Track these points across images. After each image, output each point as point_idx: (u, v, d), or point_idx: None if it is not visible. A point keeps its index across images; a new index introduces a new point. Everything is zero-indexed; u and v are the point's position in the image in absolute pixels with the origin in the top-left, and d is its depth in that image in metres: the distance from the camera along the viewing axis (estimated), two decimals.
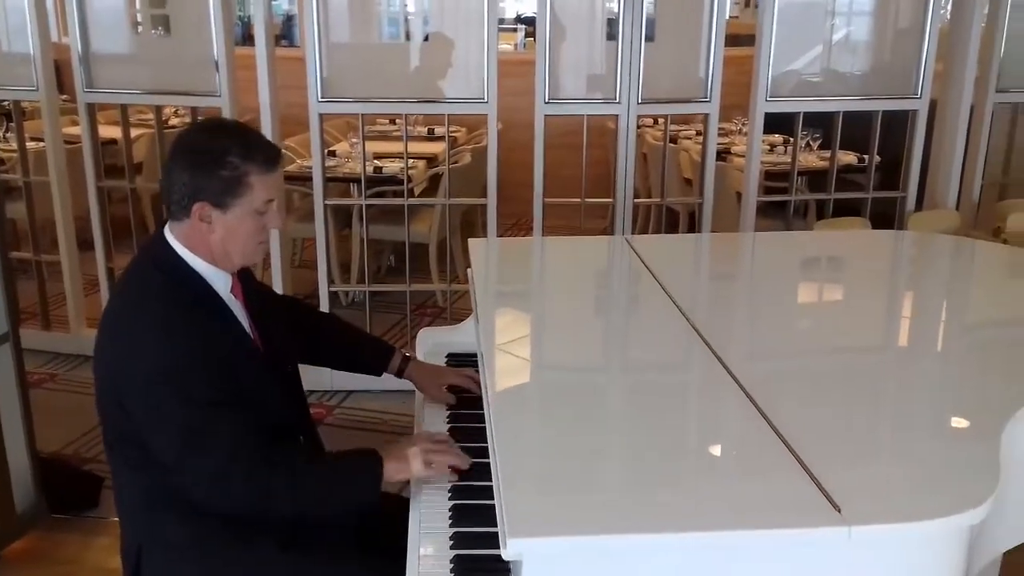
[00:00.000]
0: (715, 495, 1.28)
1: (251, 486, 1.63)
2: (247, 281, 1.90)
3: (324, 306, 3.90)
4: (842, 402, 1.66)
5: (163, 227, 1.76)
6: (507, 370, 1.81)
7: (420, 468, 1.71)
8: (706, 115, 3.75)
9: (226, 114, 3.77)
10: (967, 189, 4.06)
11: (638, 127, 3.88)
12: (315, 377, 3.17)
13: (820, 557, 1.20)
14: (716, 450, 1.45)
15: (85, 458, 3.35)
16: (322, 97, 3.67)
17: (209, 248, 1.72)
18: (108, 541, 2.87)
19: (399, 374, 2.15)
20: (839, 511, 1.19)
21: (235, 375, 1.70)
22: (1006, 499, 1.33)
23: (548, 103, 3.66)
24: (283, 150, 1.80)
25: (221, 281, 1.76)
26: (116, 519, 2.79)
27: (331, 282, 3.94)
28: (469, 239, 2.54)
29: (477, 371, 2.22)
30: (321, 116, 3.72)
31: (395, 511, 1.89)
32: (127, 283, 1.78)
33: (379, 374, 2.16)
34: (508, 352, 1.95)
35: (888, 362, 1.91)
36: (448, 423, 2.03)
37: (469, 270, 2.41)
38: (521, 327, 2.15)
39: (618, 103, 3.66)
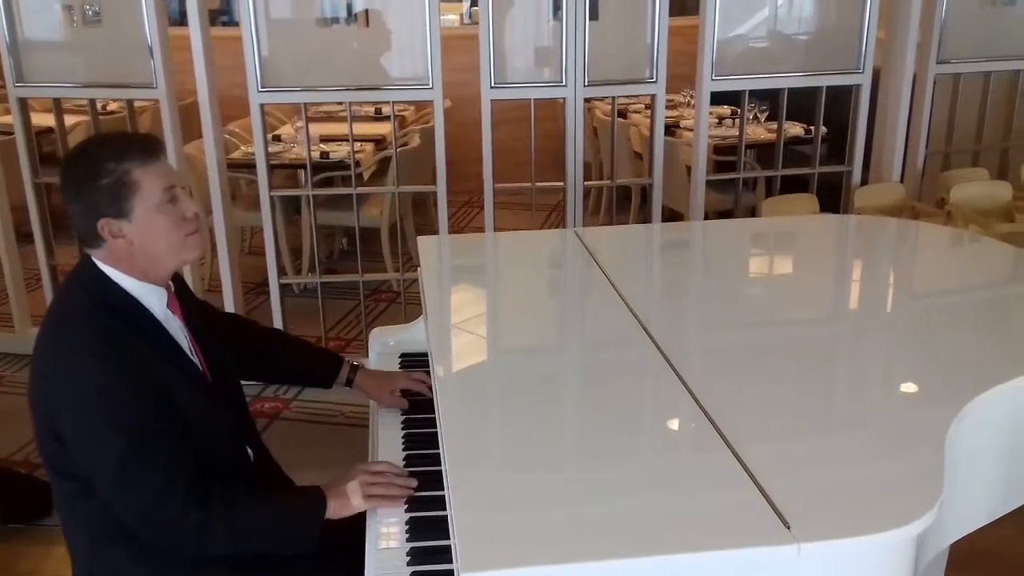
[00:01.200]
0: (666, 512, 1.29)
1: (184, 521, 1.59)
2: (185, 297, 1.86)
3: (275, 297, 3.86)
4: (786, 401, 1.68)
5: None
6: (456, 380, 1.79)
7: (361, 503, 1.69)
8: (653, 95, 3.74)
9: (164, 106, 3.68)
10: (911, 161, 4.11)
11: (586, 102, 3.85)
12: None
13: (766, 573, 1.21)
14: (666, 460, 1.46)
15: (36, 463, 3.28)
16: (262, 87, 3.59)
17: (135, 262, 1.67)
18: (65, 550, 2.82)
19: (349, 384, 2.13)
20: (788, 528, 1.21)
21: (174, 399, 1.66)
22: (951, 497, 1.36)
23: (494, 88, 3.62)
24: (161, 140, 1.76)
25: (155, 297, 1.71)
26: None
27: (283, 272, 3.88)
28: (419, 237, 2.52)
29: (428, 373, 2.21)
30: (262, 106, 3.64)
31: (353, 518, 1.89)
32: (56, 311, 1.73)
33: (329, 386, 2.14)
34: (457, 356, 1.94)
35: (833, 359, 1.93)
36: (403, 428, 2.02)
37: (420, 269, 2.39)
38: (470, 326, 2.13)
39: (564, 86, 3.63)
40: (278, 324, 3.88)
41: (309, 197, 4.04)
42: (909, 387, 1.71)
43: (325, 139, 4.92)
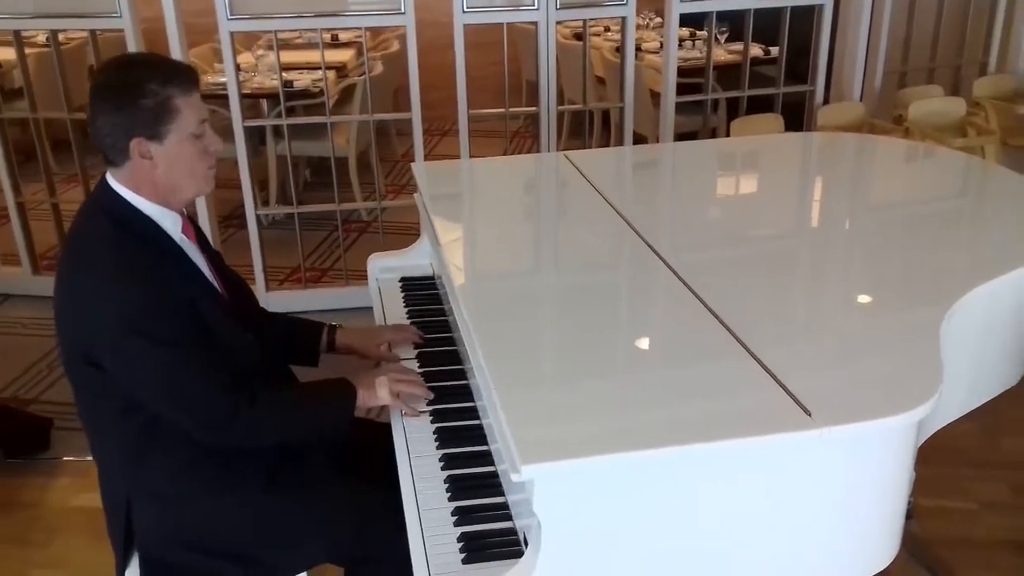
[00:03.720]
0: (699, 410, 1.40)
1: (235, 417, 1.68)
2: (199, 232, 1.89)
3: (252, 229, 3.86)
4: (791, 307, 1.81)
5: (105, 174, 1.73)
6: (480, 294, 1.87)
7: (387, 396, 1.81)
8: (623, 18, 3.78)
9: (129, 35, 3.62)
10: (870, 80, 4.23)
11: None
12: None
13: (792, 459, 1.34)
14: (691, 366, 1.57)
15: (26, 399, 3.31)
16: (232, 15, 3.55)
17: (155, 186, 1.70)
18: (68, 481, 2.89)
19: (331, 348, 2.10)
20: (810, 415, 1.33)
21: (201, 315, 1.71)
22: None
23: (467, 12, 3.63)
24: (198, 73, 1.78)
25: (170, 221, 1.75)
26: (70, 459, 2.82)
27: (264, 203, 3.88)
28: (412, 164, 2.57)
29: (430, 297, 2.29)
30: (232, 35, 3.60)
31: (375, 439, 1.98)
32: (77, 237, 1.75)
33: (315, 363, 2.10)
34: (478, 275, 2.02)
35: (828, 266, 2.05)
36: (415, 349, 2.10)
37: (417, 195, 2.45)
38: (482, 247, 2.21)
39: (536, 9, 3.65)
40: (255, 256, 3.90)
41: (284, 127, 4.01)
42: (901, 289, 1.84)
43: (286, 67, 4.86)
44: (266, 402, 1.74)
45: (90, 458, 1.84)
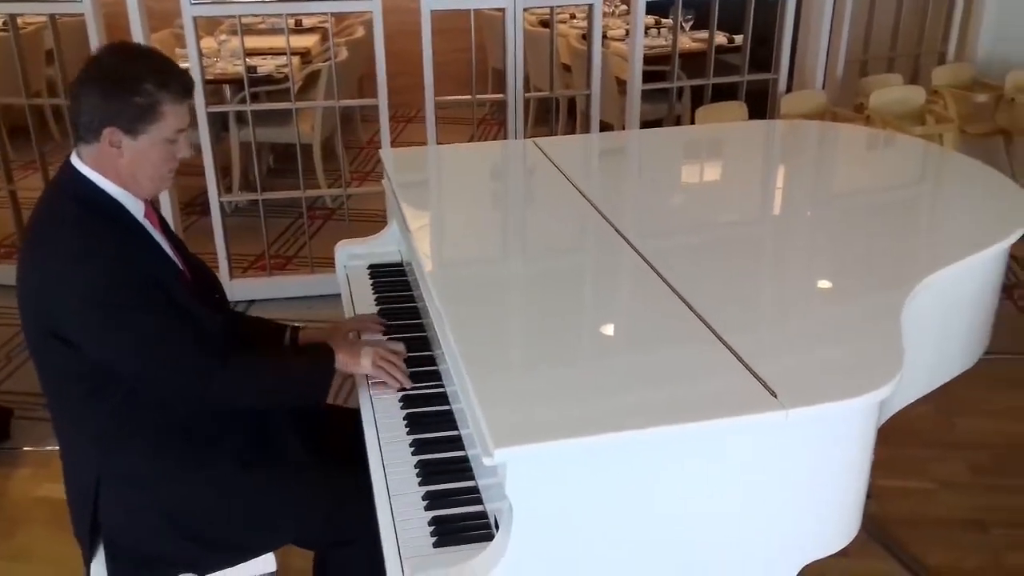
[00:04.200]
0: (669, 392, 1.42)
1: (212, 381, 1.71)
2: (163, 221, 1.89)
3: (216, 216, 3.82)
4: (756, 292, 1.84)
5: (69, 157, 1.74)
6: (450, 279, 1.88)
7: (368, 366, 1.83)
8: (590, 5, 3.79)
9: (90, 20, 3.56)
10: (832, 68, 4.29)
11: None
12: None
13: (759, 440, 1.36)
14: (660, 349, 1.58)
15: None
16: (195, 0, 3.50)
17: (118, 172, 1.71)
18: (29, 471, 2.85)
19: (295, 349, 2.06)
20: (776, 397, 1.36)
21: (167, 292, 1.72)
22: None
23: None
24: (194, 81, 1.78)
25: (133, 205, 1.76)
26: (31, 449, 2.79)
27: (227, 190, 3.84)
28: (380, 151, 2.56)
29: (398, 284, 2.29)
30: (195, 20, 3.55)
31: (343, 423, 1.99)
32: (40, 219, 1.74)
33: None
34: (448, 261, 2.02)
35: (791, 252, 2.08)
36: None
37: (384, 180, 2.44)
38: (452, 233, 2.21)
39: None
40: (219, 243, 3.87)
41: (248, 113, 3.97)
42: (863, 273, 1.87)
43: (249, 53, 4.80)
44: (243, 361, 1.78)
45: (52, 448, 1.83)
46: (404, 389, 1.85)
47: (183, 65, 4.02)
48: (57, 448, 1.84)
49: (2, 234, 4.19)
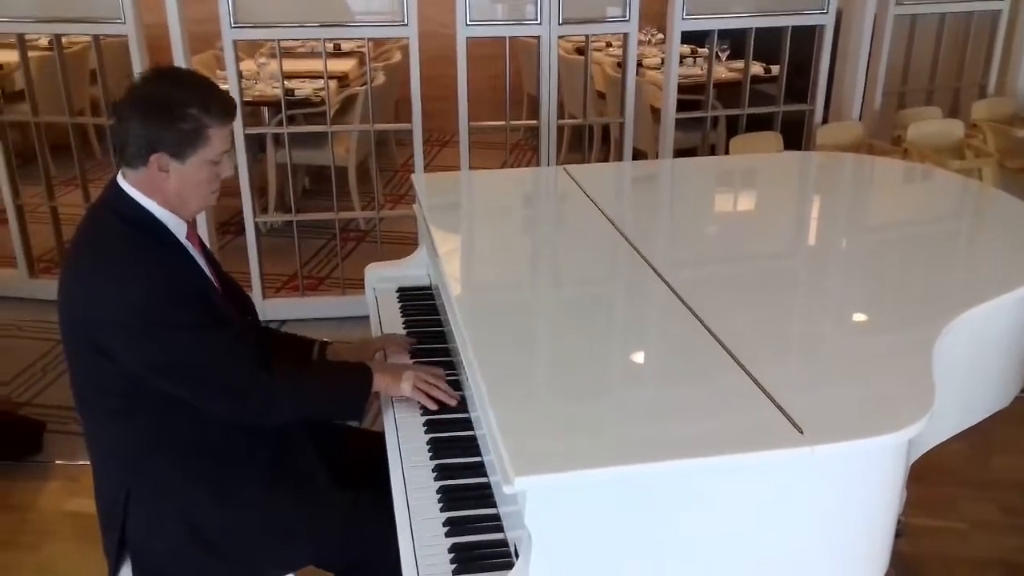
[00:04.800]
0: (694, 425, 1.40)
1: (258, 388, 1.74)
2: (203, 244, 1.92)
3: (251, 236, 3.87)
4: (786, 325, 1.82)
5: (116, 175, 1.77)
6: (477, 305, 1.88)
7: (408, 388, 1.85)
8: (625, 34, 3.80)
9: (133, 41, 3.63)
10: (869, 100, 4.25)
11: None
12: None
13: (783, 475, 1.34)
14: (685, 381, 1.57)
15: (19, 402, 3.30)
16: (235, 23, 3.56)
17: (164, 195, 1.75)
18: (59, 484, 2.88)
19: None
20: (802, 432, 1.34)
21: (208, 308, 1.75)
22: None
23: (469, 25, 3.65)
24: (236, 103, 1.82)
25: (176, 226, 1.79)
26: (62, 463, 2.81)
27: (263, 211, 3.88)
28: (413, 175, 2.58)
29: (427, 308, 2.29)
30: (235, 43, 3.61)
31: (368, 447, 1.99)
32: (89, 235, 1.78)
33: None
34: (475, 286, 2.03)
35: (823, 286, 2.06)
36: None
37: (416, 204, 2.45)
38: (480, 258, 2.22)
39: (539, 24, 3.67)
40: (253, 263, 3.91)
41: (285, 136, 4.03)
42: (895, 309, 1.84)
43: (287, 76, 4.87)
44: (285, 375, 1.82)
45: (83, 462, 1.85)
46: (444, 407, 1.85)
47: (223, 87, 4.11)
48: (88, 463, 1.86)
49: (42, 249, 4.26)
